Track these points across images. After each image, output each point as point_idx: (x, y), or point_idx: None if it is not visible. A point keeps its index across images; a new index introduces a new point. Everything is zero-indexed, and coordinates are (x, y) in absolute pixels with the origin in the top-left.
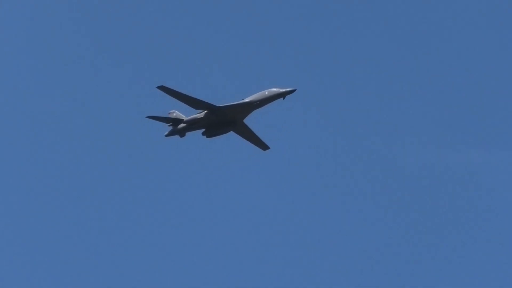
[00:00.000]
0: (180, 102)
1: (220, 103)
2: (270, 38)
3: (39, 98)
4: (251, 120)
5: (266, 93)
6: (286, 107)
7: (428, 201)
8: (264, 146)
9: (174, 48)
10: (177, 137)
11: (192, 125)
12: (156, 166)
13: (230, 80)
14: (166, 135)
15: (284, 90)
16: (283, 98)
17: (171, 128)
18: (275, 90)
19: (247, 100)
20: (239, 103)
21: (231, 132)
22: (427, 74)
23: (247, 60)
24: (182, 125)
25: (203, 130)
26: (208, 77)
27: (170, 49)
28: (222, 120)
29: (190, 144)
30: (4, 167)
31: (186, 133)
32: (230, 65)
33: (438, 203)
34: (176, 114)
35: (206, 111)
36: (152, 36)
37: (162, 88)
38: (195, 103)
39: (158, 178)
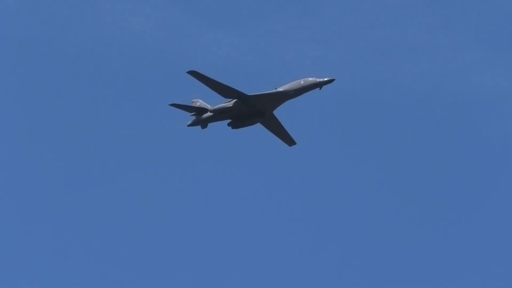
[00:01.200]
0: (203, 92)
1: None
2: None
3: (52, 86)
4: (279, 112)
5: (302, 82)
6: (319, 99)
7: None
8: (290, 141)
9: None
10: (199, 128)
11: (219, 114)
12: (178, 156)
13: (257, 68)
14: (189, 125)
15: (321, 79)
16: (320, 89)
17: (194, 117)
18: (311, 79)
19: (280, 89)
20: (272, 92)
21: (258, 124)
22: None
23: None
24: (207, 114)
25: (229, 120)
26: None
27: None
28: (251, 110)
29: (213, 134)
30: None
31: (210, 124)
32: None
33: None
34: (200, 103)
35: (235, 100)
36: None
37: (193, 73)
38: (225, 91)
39: (179, 168)
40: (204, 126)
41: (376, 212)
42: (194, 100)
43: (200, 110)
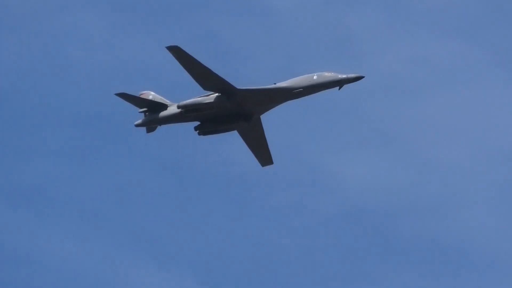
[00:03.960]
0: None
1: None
2: None
3: None
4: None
5: (315, 77)
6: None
7: None
8: (266, 160)
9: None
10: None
11: (190, 112)
12: (117, 168)
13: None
14: (138, 125)
15: (344, 76)
16: (339, 88)
17: (145, 115)
18: (329, 75)
19: (283, 84)
20: (271, 88)
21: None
22: None
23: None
24: (170, 111)
25: (197, 123)
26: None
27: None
28: (235, 110)
29: (167, 140)
30: None
31: (162, 126)
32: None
33: None
34: (153, 96)
35: (217, 95)
36: None
37: (174, 49)
38: (208, 79)
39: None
40: (151, 128)
41: None
42: (143, 92)
43: (156, 106)
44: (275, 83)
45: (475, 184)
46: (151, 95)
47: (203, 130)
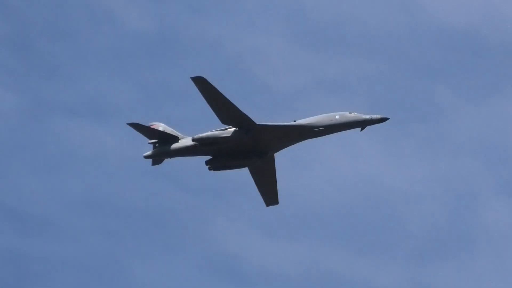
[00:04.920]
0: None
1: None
2: None
3: None
4: None
5: (337, 117)
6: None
7: None
8: (271, 199)
9: None
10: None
11: (205, 146)
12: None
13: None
14: (147, 156)
15: (368, 117)
16: (361, 129)
17: (155, 147)
18: (352, 115)
19: (303, 122)
20: (292, 125)
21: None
22: None
23: None
24: (182, 144)
25: (209, 157)
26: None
27: None
28: (252, 146)
29: (174, 173)
30: None
31: (169, 159)
32: None
33: None
34: (164, 127)
35: (234, 129)
36: None
37: (199, 80)
38: (229, 112)
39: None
40: (158, 161)
41: None
42: (153, 123)
43: (168, 138)
44: (294, 120)
45: None
46: (161, 126)
47: (214, 165)
